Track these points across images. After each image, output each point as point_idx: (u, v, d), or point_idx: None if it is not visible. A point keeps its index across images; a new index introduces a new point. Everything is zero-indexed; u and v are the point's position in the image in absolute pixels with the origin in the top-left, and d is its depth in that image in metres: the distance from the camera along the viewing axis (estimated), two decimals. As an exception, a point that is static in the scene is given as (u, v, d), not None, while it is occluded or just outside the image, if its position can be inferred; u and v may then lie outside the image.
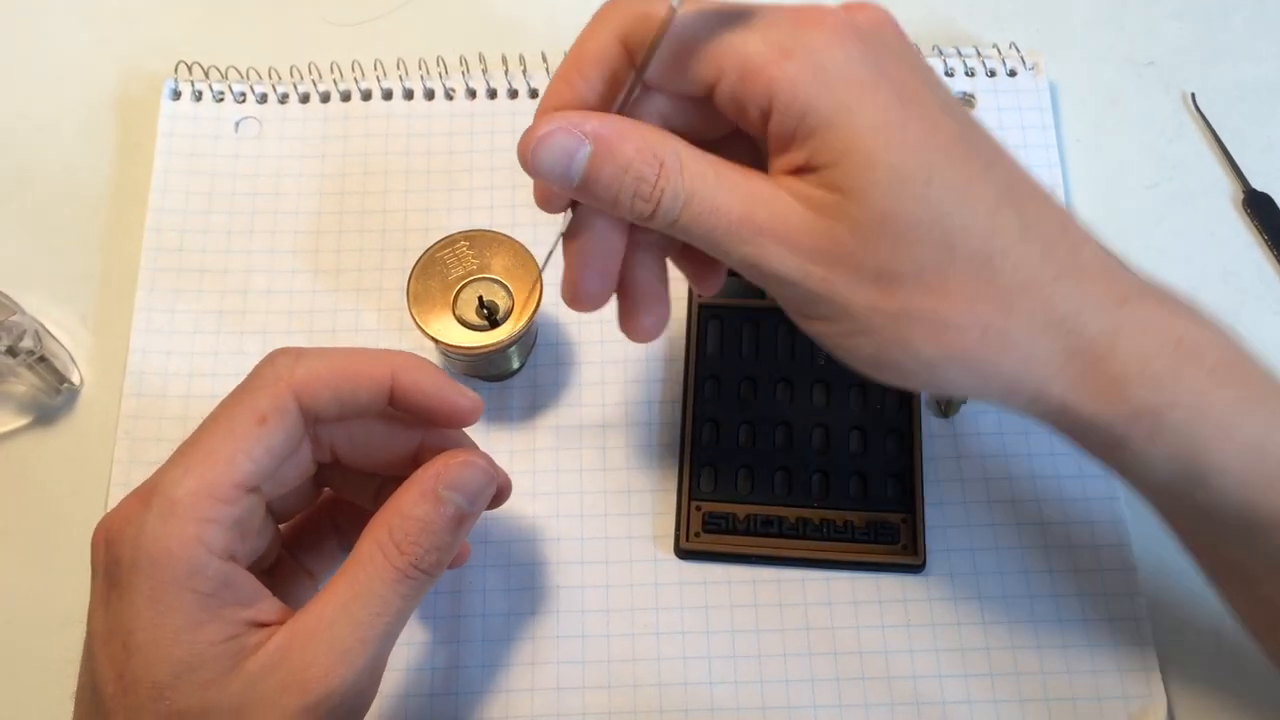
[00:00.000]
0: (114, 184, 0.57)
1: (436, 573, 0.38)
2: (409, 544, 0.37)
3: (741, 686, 0.46)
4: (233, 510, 0.36)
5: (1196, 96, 0.58)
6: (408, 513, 0.38)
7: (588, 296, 0.40)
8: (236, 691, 0.34)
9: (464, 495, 0.38)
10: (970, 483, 0.50)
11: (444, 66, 0.58)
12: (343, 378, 0.38)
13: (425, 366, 0.39)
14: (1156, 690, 0.46)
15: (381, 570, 0.37)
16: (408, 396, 0.39)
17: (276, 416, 0.37)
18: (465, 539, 0.39)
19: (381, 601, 0.36)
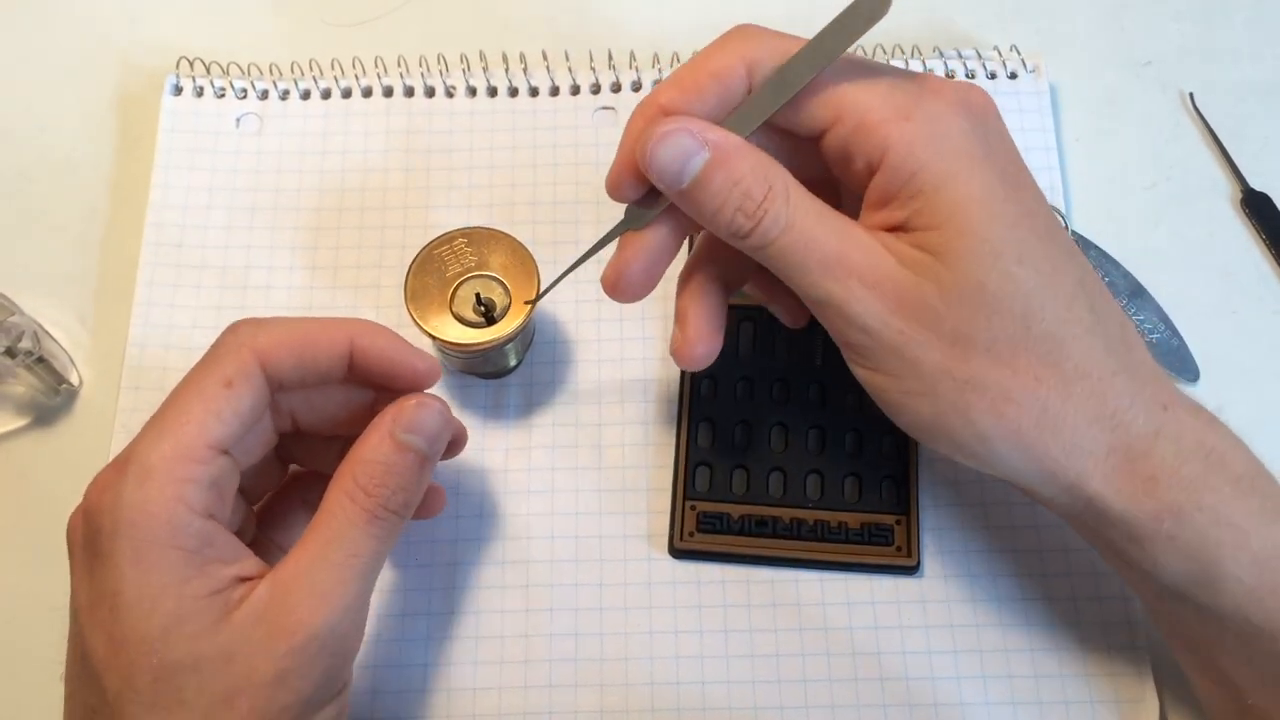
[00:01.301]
0: (114, 182, 0.57)
1: (405, 513, 0.40)
2: (374, 486, 0.38)
3: (734, 686, 0.46)
4: (208, 470, 0.37)
5: (1195, 97, 0.57)
6: (369, 458, 0.39)
7: (629, 288, 0.41)
8: (225, 641, 0.35)
9: (422, 436, 0.40)
10: (965, 485, 0.50)
11: (444, 64, 0.58)
12: (304, 344, 0.39)
13: (383, 331, 0.41)
14: (1149, 693, 0.46)
15: (351, 515, 0.38)
16: (367, 361, 0.40)
17: (242, 380, 0.38)
18: (428, 479, 0.41)
19: (354, 544, 0.38)
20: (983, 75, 0.57)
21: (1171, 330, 0.52)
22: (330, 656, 0.37)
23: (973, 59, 0.57)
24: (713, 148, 0.37)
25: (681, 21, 0.60)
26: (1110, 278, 0.53)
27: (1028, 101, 0.57)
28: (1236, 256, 0.54)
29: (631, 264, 0.41)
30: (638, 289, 0.42)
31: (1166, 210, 0.55)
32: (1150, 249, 0.54)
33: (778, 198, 0.37)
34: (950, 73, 0.57)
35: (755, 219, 0.37)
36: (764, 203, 0.37)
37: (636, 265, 0.41)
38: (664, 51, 0.58)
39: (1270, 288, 0.53)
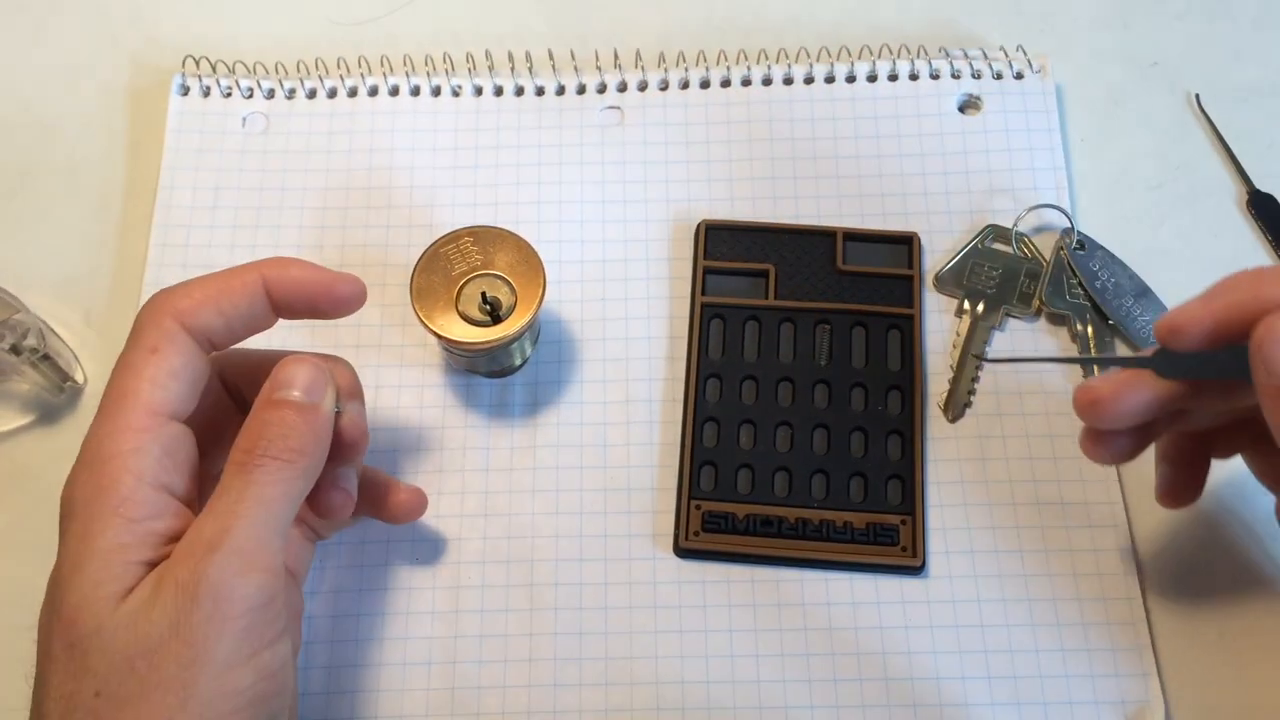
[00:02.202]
0: (120, 180, 0.57)
1: (289, 458, 0.38)
2: (247, 442, 0.38)
3: (738, 686, 0.46)
4: (155, 438, 0.36)
5: (1201, 97, 0.57)
6: (249, 424, 0.38)
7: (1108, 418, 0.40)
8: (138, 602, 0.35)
9: (297, 388, 0.39)
10: (971, 485, 0.50)
11: (450, 64, 0.58)
12: (218, 293, 0.39)
13: (293, 261, 0.41)
14: (1154, 694, 0.46)
15: (233, 469, 0.37)
16: (284, 291, 0.40)
17: (166, 342, 0.38)
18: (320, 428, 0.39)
19: (232, 491, 0.37)
20: (988, 75, 0.57)
21: (1177, 331, 0.52)
22: (228, 604, 0.35)
23: (978, 59, 0.57)
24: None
25: (687, 21, 0.60)
26: (1116, 278, 0.52)
27: (1033, 102, 0.57)
28: (1242, 257, 0.54)
29: (1127, 398, 0.39)
30: (1115, 421, 0.40)
31: (1172, 211, 0.55)
32: (1156, 249, 0.54)
33: None
34: (956, 73, 0.57)
35: None
36: None
37: (1131, 401, 0.40)
38: (670, 51, 0.58)
39: (1276, 289, 0.53)
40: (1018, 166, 0.55)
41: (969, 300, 0.52)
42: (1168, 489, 0.45)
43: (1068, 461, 0.50)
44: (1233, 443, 0.45)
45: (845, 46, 0.58)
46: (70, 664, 0.34)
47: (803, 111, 0.57)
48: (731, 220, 0.54)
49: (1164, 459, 0.44)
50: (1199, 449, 0.44)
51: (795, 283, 0.53)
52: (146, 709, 0.34)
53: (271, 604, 0.36)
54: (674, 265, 0.54)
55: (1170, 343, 0.39)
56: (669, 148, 0.56)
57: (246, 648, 0.35)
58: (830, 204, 0.55)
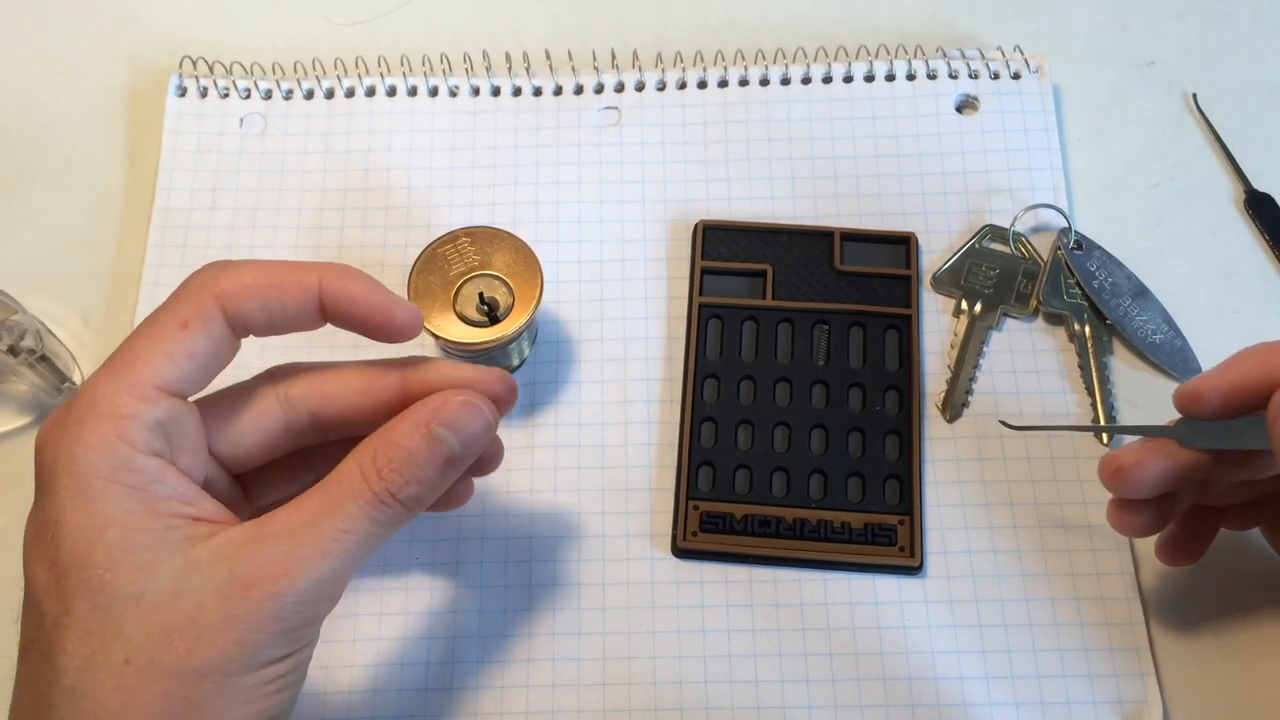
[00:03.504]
0: (118, 181, 0.57)
1: (414, 508, 0.37)
2: (390, 471, 0.36)
3: (737, 686, 0.46)
4: (152, 410, 0.35)
5: (1198, 97, 0.57)
6: (396, 441, 0.37)
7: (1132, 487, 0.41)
8: (177, 576, 0.34)
9: (458, 436, 0.37)
10: (968, 485, 0.50)
11: (448, 64, 0.58)
12: (268, 285, 0.37)
13: (355, 275, 0.38)
14: (1152, 694, 0.46)
15: (358, 490, 0.36)
16: (337, 304, 0.38)
17: (198, 321, 0.36)
18: (451, 481, 0.38)
19: (350, 520, 0.36)
20: (986, 76, 0.57)
21: (1175, 331, 0.52)
22: (289, 619, 0.35)
23: (976, 59, 0.57)
24: None
25: (685, 21, 0.60)
26: (1114, 278, 0.53)
27: (1030, 102, 0.57)
28: (1239, 257, 0.54)
29: (1150, 466, 0.40)
30: (1139, 489, 0.41)
31: (1169, 211, 0.55)
32: (1153, 249, 0.54)
33: None
34: (954, 73, 0.57)
35: None
36: None
37: (1154, 469, 0.40)
38: (668, 52, 0.58)
39: (1273, 288, 0.53)
40: (1015, 166, 0.55)
41: (967, 300, 0.53)
42: (1169, 545, 0.46)
43: (1064, 462, 0.50)
44: (1252, 517, 0.45)
45: (843, 47, 0.58)
46: (96, 625, 0.33)
47: (800, 112, 0.57)
48: (729, 220, 0.54)
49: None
50: (1210, 516, 0.45)
51: (793, 283, 0.53)
52: (178, 687, 0.33)
53: (313, 622, 0.37)
54: (671, 265, 0.54)
55: (1190, 410, 0.40)
56: (666, 148, 0.56)
57: (286, 650, 0.36)
58: (828, 204, 0.55)
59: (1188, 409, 0.40)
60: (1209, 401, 0.39)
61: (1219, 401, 0.39)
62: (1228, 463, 0.41)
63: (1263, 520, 0.45)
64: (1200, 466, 0.41)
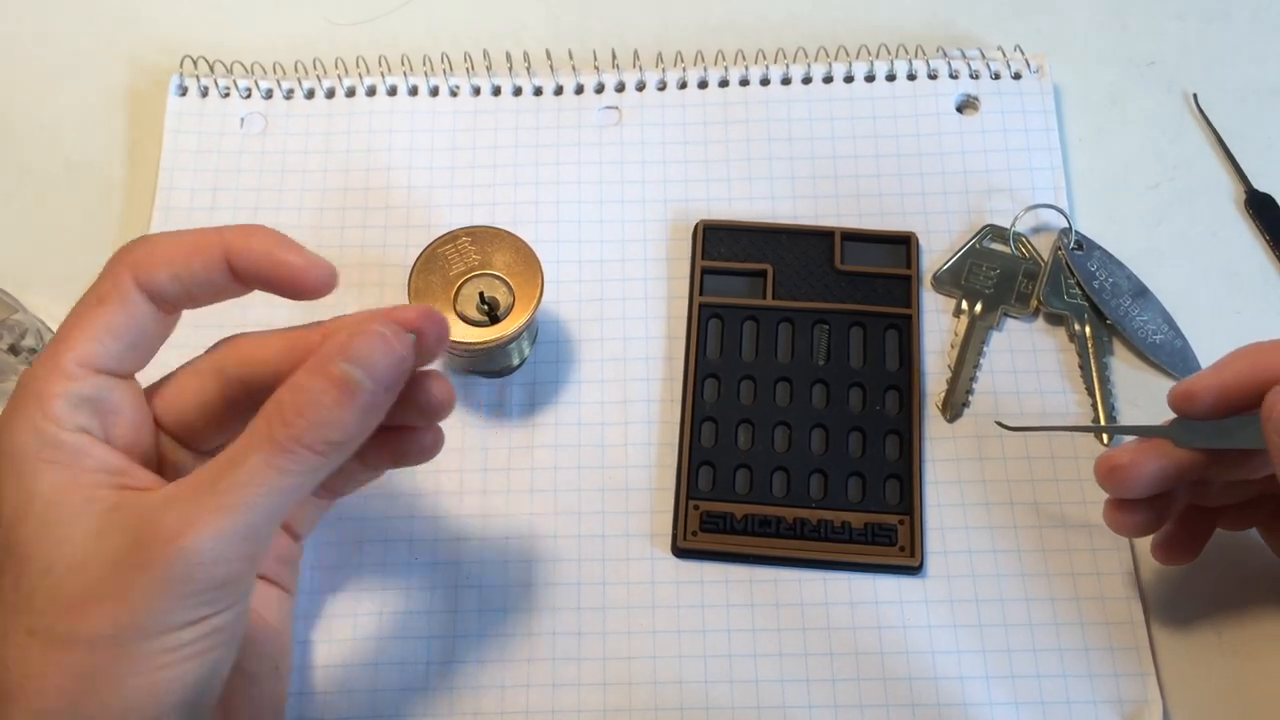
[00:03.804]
0: (119, 180, 0.57)
1: (329, 453, 0.34)
2: (293, 415, 0.34)
3: (737, 686, 0.46)
4: (77, 387, 0.35)
5: (1199, 97, 0.57)
6: (298, 383, 0.34)
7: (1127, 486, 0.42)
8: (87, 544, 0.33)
9: (364, 369, 0.34)
10: (969, 485, 0.50)
11: (448, 63, 0.58)
12: (176, 252, 0.37)
13: (261, 231, 0.37)
14: (1152, 694, 0.46)
15: (260, 441, 0.34)
16: (243, 264, 0.37)
17: (114, 296, 0.36)
18: (371, 423, 0.36)
19: (252, 472, 0.33)
20: (986, 75, 0.57)
21: (1175, 331, 0.52)
22: (189, 582, 0.33)
23: (976, 59, 0.57)
24: None
25: (686, 21, 0.60)
26: (1114, 278, 0.53)
27: (1031, 102, 0.57)
28: (1240, 257, 0.54)
29: (1145, 466, 0.41)
30: (1135, 489, 0.41)
31: (1170, 211, 0.55)
32: (1153, 249, 0.54)
33: None
34: (954, 73, 0.57)
35: None
36: None
37: (1150, 469, 0.41)
38: (668, 51, 0.58)
39: (1274, 288, 0.53)
40: (1015, 166, 0.55)
41: (967, 300, 0.53)
42: (1165, 544, 0.46)
43: (1065, 461, 0.50)
44: (1248, 517, 0.46)
45: (843, 46, 0.58)
46: (13, 597, 0.33)
47: (800, 112, 0.57)
48: (729, 220, 0.54)
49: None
50: (1206, 515, 0.45)
51: (793, 283, 0.53)
52: (74, 656, 0.33)
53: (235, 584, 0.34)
54: (672, 265, 0.54)
55: (1184, 409, 0.40)
56: (667, 148, 0.56)
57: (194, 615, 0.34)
58: (828, 204, 0.55)
59: (1181, 409, 0.40)
60: (1202, 401, 0.40)
61: (1212, 401, 0.39)
62: (1223, 462, 0.41)
63: (1259, 520, 0.46)
64: (1195, 466, 0.41)
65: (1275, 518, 0.45)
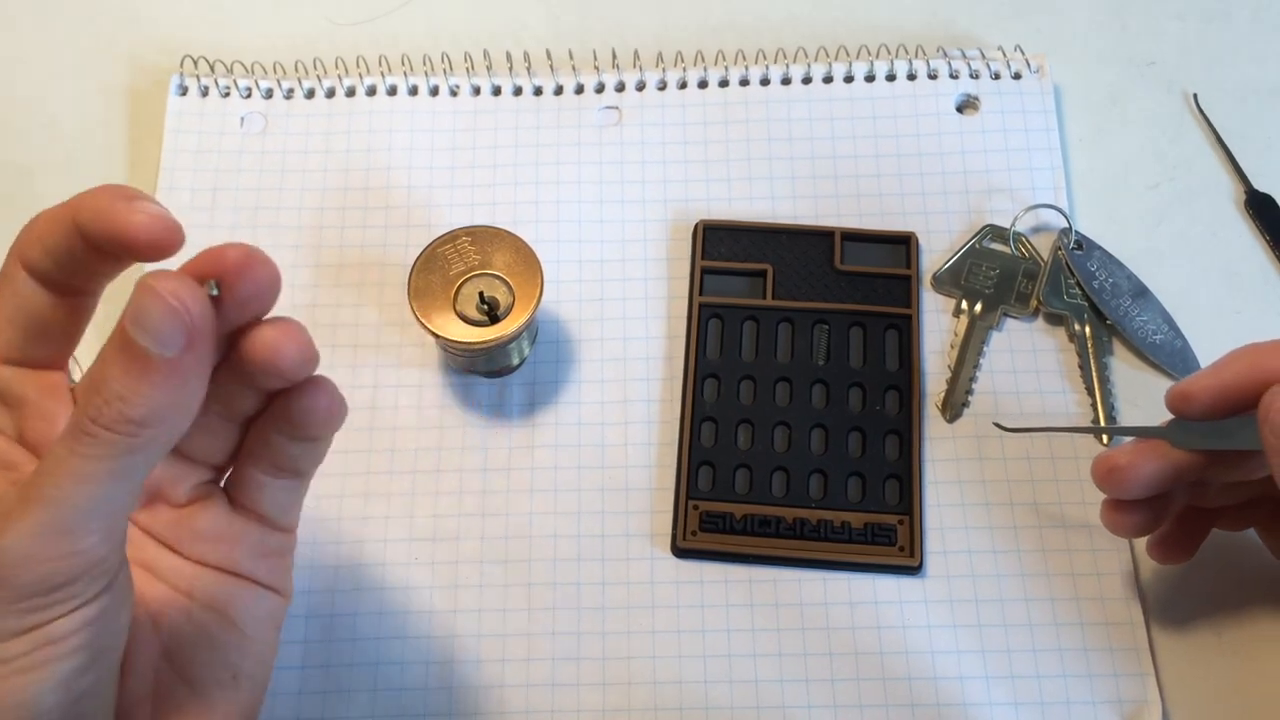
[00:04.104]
0: (119, 180, 0.57)
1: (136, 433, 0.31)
2: (90, 393, 0.31)
3: (736, 686, 0.46)
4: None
5: (1199, 97, 0.57)
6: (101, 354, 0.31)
7: (1125, 487, 0.42)
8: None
9: (145, 329, 0.30)
10: (968, 485, 0.50)
11: (448, 63, 0.58)
12: (45, 225, 0.34)
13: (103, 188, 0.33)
14: (1152, 694, 0.46)
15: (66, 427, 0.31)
16: (86, 225, 0.33)
17: (3, 280, 0.35)
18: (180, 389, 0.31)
19: (54, 461, 0.30)
20: (986, 75, 0.57)
21: (1175, 331, 0.52)
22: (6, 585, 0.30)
23: (976, 59, 0.57)
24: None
25: (686, 21, 0.60)
26: (1114, 278, 0.53)
27: (1031, 102, 0.57)
28: (1240, 257, 0.54)
29: (1143, 467, 0.41)
30: (1132, 490, 0.41)
31: (1170, 211, 0.55)
32: (1153, 249, 0.54)
33: None
34: (954, 73, 0.57)
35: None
36: None
37: (1147, 470, 0.41)
38: (668, 52, 0.58)
39: (1273, 288, 0.53)
40: (1015, 166, 0.55)
41: (967, 300, 0.53)
42: (1161, 542, 0.46)
43: (1064, 462, 0.50)
44: (1246, 518, 0.46)
45: (843, 46, 0.58)
46: None
47: (800, 111, 0.57)
48: (729, 220, 0.54)
49: None
50: (1204, 516, 0.45)
51: (793, 283, 0.53)
52: None
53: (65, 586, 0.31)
54: (672, 265, 0.54)
55: (1181, 410, 0.40)
56: (667, 148, 0.56)
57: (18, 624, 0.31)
58: (828, 204, 0.55)
59: (1178, 409, 0.41)
60: (1199, 402, 0.40)
61: (1209, 402, 0.39)
62: (1220, 463, 0.41)
63: (1257, 521, 0.46)
64: (1193, 467, 0.41)
65: (1273, 519, 0.45)
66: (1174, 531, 0.45)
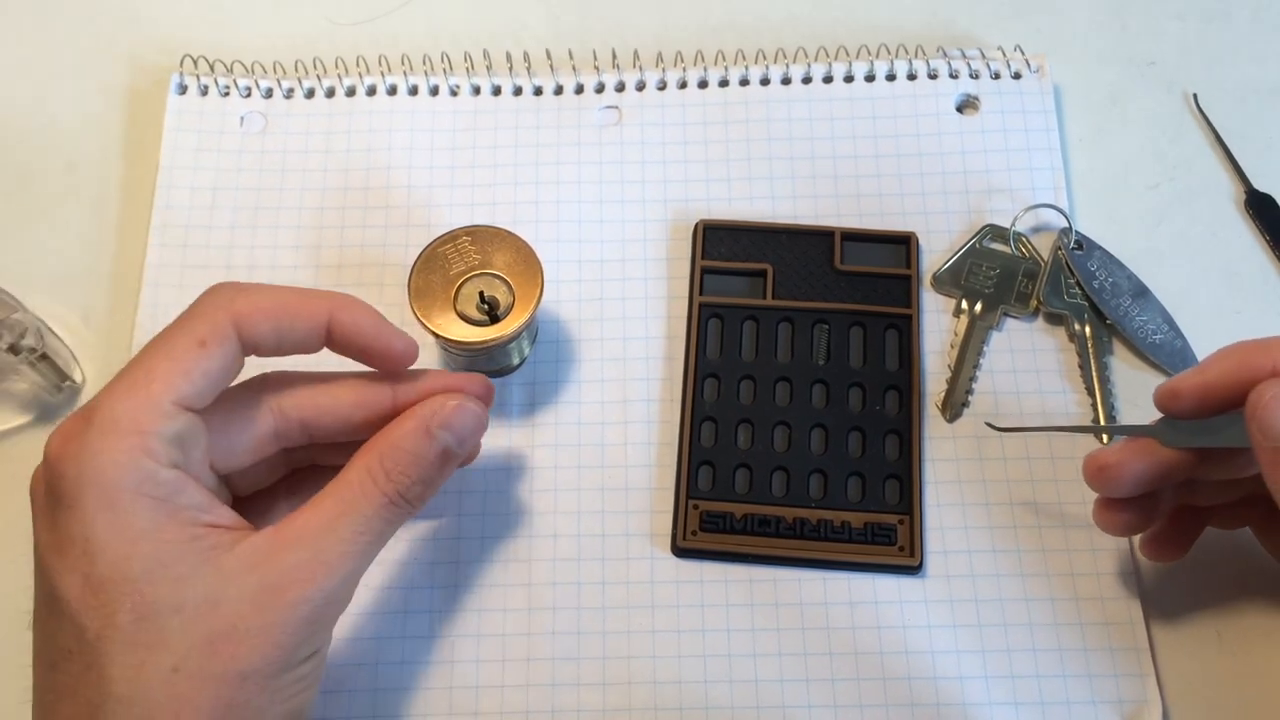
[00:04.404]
0: (119, 180, 0.57)
1: (418, 505, 0.41)
2: (398, 473, 0.39)
3: (736, 686, 0.46)
4: (172, 425, 0.37)
5: (1199, 97, 0.57)
6: (399, 444, 0.40)
7: (1116, 486, 0.42)
8: (213, 585, 0.36)
9: (454, 435, 0.41)
10: (968, 485, 0.50)
11: (448, 63, 0.58)
12: (282, 311, 0.39)
13: (364, 307, 0.41)
14: (1152, 694, 0.46)
15: (369, 493, 0.39)
16: (345, 334, 0.41)
17: (215, 341, 0.38)
18: (448, 477, 0.42)
19: (365, 521, 0.39)
20: (986, 75, 0.57)
21: (1175, 331, 0.52)
22: (317, 620, 0.38)
23: (976, 59, 0.57)
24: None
25: (686, 21, 0.60)
26: (1114, 278, 0.53)
27: (1031, 102, 0.57)
28: (1240, 257, 0.54)
29: (1133, 465, 0.41)
30: (1122, 488, 0.42)
31: (1170, 211, 0.55)
32: (1153, 249, 0.54)
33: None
34: (954, 73, 0.57)
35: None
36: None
37: (1137, 468, 0.41)
38: (668, 51, 0.58)
39: (1273, 289, 0.53)
40: (1015, 166, 0.55)
41: (967, 300, 0.53)
42: (1154, 540, 0.46)
43: (1064, 462, 0.50)
44: (1239, 516, 0.46)
45: (843, 46, 0.58)
46: (142, 635, 0.35)
47: (800, 111, 0.57)
48: (729, 220, 0.54)
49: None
50: (1197, 515, 0.45)
51: (793, 282, 0.53)
52: (225, 690, 0.36)
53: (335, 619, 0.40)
54: (672, 265, 0.54)
55: (1169, 408, 0.40)
56: (667, 147, 0.56)
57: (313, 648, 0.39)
58: (828, 204, 0.55)
59: (1167, 407, 0.41)
60: (1186, 399, 0.40)
61: (1196, 399, 0.40)
62: (1210, 461, 0.41)
63: (1250, 520, 0.46)
64: (1183, 465, 0.41)
65: (1266, 517, 0.45)
66: (1167, 529, 0.45)
